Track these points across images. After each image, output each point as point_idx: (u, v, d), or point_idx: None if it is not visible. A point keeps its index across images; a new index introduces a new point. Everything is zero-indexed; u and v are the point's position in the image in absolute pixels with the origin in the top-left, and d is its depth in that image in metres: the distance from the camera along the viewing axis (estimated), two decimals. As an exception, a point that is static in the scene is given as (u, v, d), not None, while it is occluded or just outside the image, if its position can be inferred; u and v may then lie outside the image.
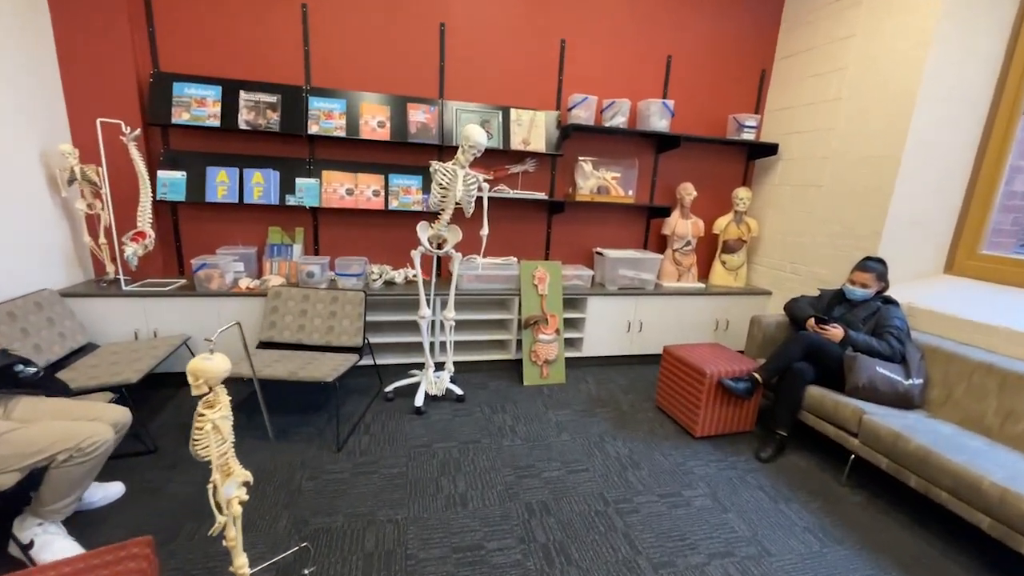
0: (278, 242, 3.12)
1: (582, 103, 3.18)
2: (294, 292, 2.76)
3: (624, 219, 3.71)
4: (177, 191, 2.79)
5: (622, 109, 3.24)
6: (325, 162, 3.05)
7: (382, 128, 2.98)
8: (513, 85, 3.26)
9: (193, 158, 2.86)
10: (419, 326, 2.70)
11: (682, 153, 3.66)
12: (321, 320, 2.74)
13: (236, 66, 2.85)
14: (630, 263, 3.41)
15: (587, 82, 3.36)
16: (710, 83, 3.60)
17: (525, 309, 3.15)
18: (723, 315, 3.63)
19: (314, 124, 2.88)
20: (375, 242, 3.29)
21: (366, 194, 3.04)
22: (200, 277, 2.73)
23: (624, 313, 3.41)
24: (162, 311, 2.69)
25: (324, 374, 2.26)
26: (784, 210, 3.59)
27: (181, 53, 2.79)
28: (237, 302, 2.78)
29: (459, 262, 2.70)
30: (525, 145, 3.20)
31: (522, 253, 3.55)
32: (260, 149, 2.99)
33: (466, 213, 2.56)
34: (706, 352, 2.73)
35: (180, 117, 2.70)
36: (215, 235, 3.06)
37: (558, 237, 3.61)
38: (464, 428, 2.54)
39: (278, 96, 2.85)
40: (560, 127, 3.29)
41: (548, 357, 3.15)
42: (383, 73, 3.05)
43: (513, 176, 3.38)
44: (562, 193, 3.52)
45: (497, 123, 3.17)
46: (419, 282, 2.64)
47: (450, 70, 3.14)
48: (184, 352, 2.72)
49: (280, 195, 2.94)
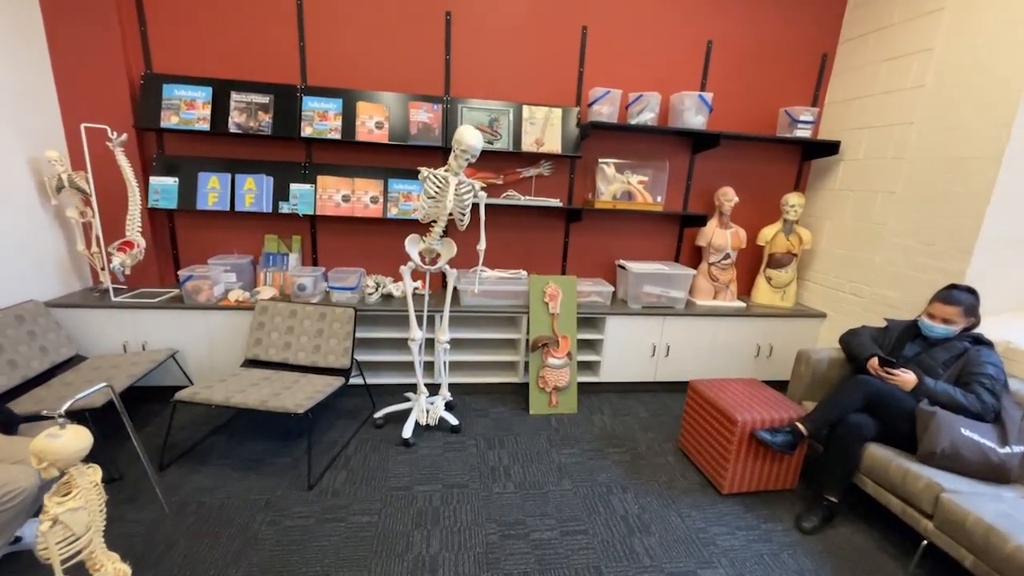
0: (274, 251, 2.96)
1: (604, 98, 2.80)
2: (281, 307, 2.58)
3: (653, 228, 3.30)
4: (169, 198, 2.68)
5: (651, 104, 2.84)
6: (321, 166, 2.85)
7: (380, 129, 2.74)
8: (527, 79, 2.92)
9: (185, 163, 2.73)
10: (411, 350, 2.45)
11: (721, 153, 3.19)
12: (308, 338, 2.54)
13: (229, 65, 2.69)
14: (657, 279, 3.01)
15: (611, 74, 2.97)
16: (757, 72, 3.11)
17: (533, 329, 2.83)
18: (766, 339, 3.15)
19: (307, 126, 2.67)
20: (374, 252, 3.06)
21: (363, 201, 2.82)
22: (188, 289, 2.60)
23: (648, 335, 3.02)
24: (151, 323, 2.59)
25: (297, 404, 2.05)
26: (845, 220, 3.05)
27: (174, 53, 2.66)
28: (225, 316, 2.63)
29: (454, 279, 2.42)
30: (539, 146, 2.87)
31: (536, 266, 3.23)
32: (255, 153, 2.83)
33: (459, 225, 2.27)
34: (740, 392, 2.31)
35: (169, 121, 2.57)
36: (211, 243, 2.94)
37: (576, 248, 3.25)
38: (453, 467, 2.27)
39: (271, 97, 2.66)
40: (579, 125, 2.93)
41: (558, 383, 2.82)
42: (384, 69, 2.81)
43: (525, 181, 3.06)
44: (580, 199, 3.16)
45: (507, 122, 2.86)
46: (409, 301, 2.38)
47: (456, 64, 2.85)
48: (175, 364, 2.62)
49: (273, 202, 2.77)
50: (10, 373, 2.12)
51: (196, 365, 2.69)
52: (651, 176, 3.05)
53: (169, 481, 2.06)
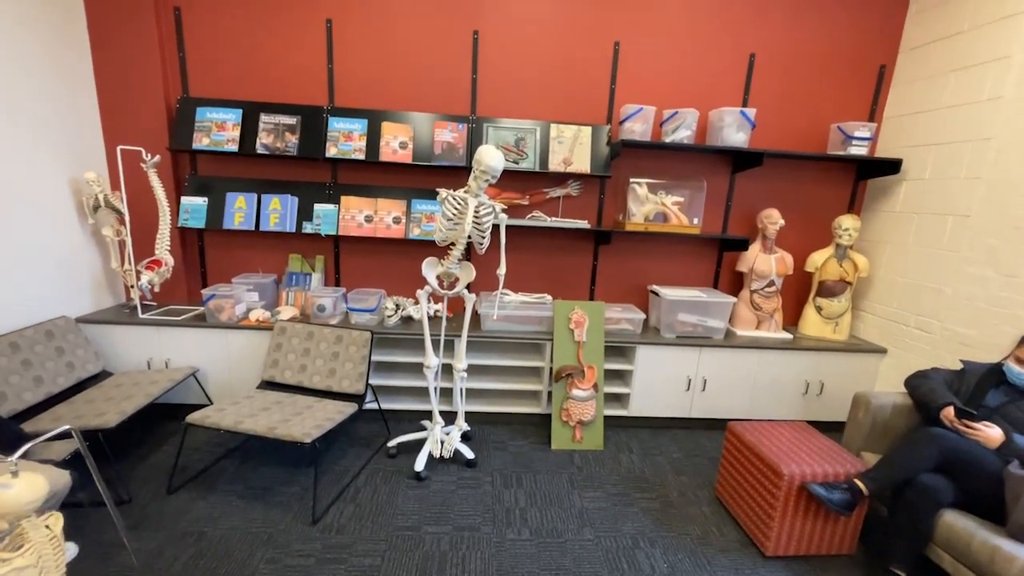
0: (297, 270, 2.95)
1: (637, 115, 2.65)
2: (298, 328, 2.54)
3: (688, 252, 3.09)
4: (198, 218, 2.71)
5: (687, 121, 2.67)
6: (345, 187, 2.83)
7: (404, 149, 2.69)
8: (555, 97, 2.82)
9: (215, 184, 2.77)
10: (426, 377, 2.34)
11: (765, 173, 2.97)
12: (323, 361, 2.48)
13: (259, 88, 2.74)
14: (694, 307, 2.79)
15: (645, 91, 2.83)
16: (805, 86, 2.88)
17: (557, 358, 2.66)
18: (815, 375, 2.85)
19: (332, 146, 2.66)
20: (395, 272, 3.00)
21: (386, 221, 2.77)
22: (210, 308, 2.60)
23: (684, 367, 2.79)
24: (175, 340, 2.60)
25: (304, 433, 1.97)
26: (907, 246, 2.75)
27: (209, 77, 2.72)
28: (245, 336, 2.62)
29: (473, 304, 2.30)
30: (566, 165, 2.75)
31: (562, 290, 3.08)
32: (281, 173, 2.85)
33: (478, 249, 2.16)
34: (787, 438, 2.06)
35: (200, 142, 2.62)
36: (238, 262, 2.96)
37: (605, 272, 3.08)
38: (465, 506, 2.12)
39: (297, 118, 2.68)
40: (610, 144, 2.79)
41: (583, 417, 2.63)
42: (410, 89, 2.78)
43: (552, 201, 2.93)
44: (610, 221, 3.00)
45: (534, 141, 2.75)
46: (424, 327, 2.28)
47: (483, 83, 2.78)
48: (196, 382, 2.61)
49: (297, 222, 2.76)
50: (35, 389, 2.15)
51: (216, 384, 2.68)
52: (687, 197, 2.86)
53: (176, 506, 2.01)
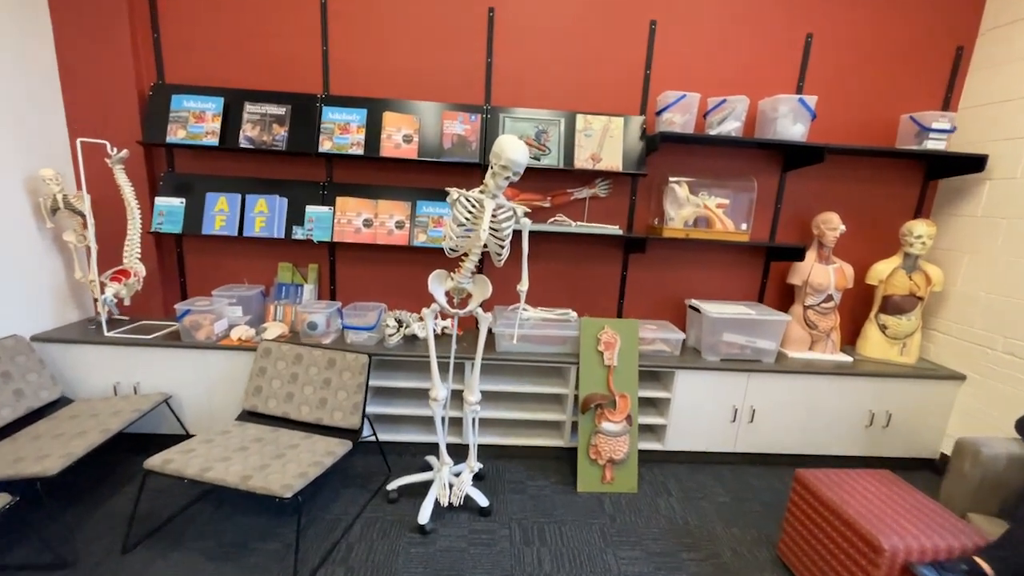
0: (288, 281, 2.61)
1: (677, 103, 2.29)
2: (285, 350, 2.19)
3: (731, 262, 2.71)
4: (174, 221, 2.38)
5: (736, 111, 2.30)
6: (341, 186, 2.48)
7: (409, 143, 2.35)
8: (582, 83, 2.46)
9: (195, 183, 2.44)
10: (431, 410, 1.98)
11: (819, 172, 2.59)
12: (313, 389, 2.13)
13: (244, 73, 2.40)
14: (741, 326, 2.41)
15: (685, 77, 2.47)
16: (869, 71, 2.51)
17: (584, 385, 2.30)
18: (880, 405, 2.46)
19: (327, 140, 2.32)
20: (398, 284, 2.65)
21: (387, 226, 2.42)
22: (185, 325, 2.26)
23: (729, 395, 2.42)
24: (145, 362, 2.27)
25: (284, 484, 1.61)
26: (994, 256, 2.36)
27: (187, 61, 2.39)
28: (226, 357, 2.27)
29: (487, 326, 1.94)
30: (595, 162, 2.39)
31: (587, 305, 2.71)
32: (269, 171, 2.51)
33: (496, 261, 1.81)
34: (873, 494, 1.68)
35: (175, 135, 2.29)
36: (222, 271, 2.62)
37: (636, 284, 2.71)
38: (478, 569, 1.75)
39: (287, 108, 2.34)
40: (645, 137, 2.43)
41: (614, 455, 2.26)
42: (415, 75, 2.43)
43: (577, 203, 2.57)
44: (643, 226, 2.63)
45: (557, 134, 2.40)
46: (431, 352, 1.92)
47: (499, 68, 2.43)
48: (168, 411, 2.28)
49: (286, 227, 2.42)
50: (-29, 424, 1.82)
51: (193, 412, 2.34)
52: (732, 198, 2.49)
53: (131, 569, 1.67)
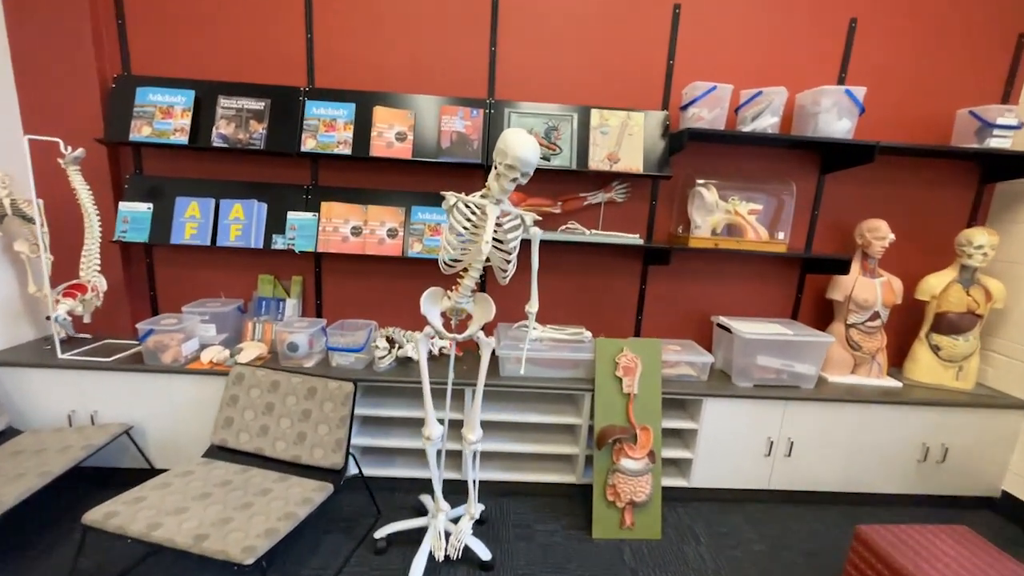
0: (269, 295, 2.35)
1: (705, 96, 2.02)
2: (260, 376, 1.93)
3: (763, 274, 2.43)
4: (140, 230, 2.13)
5: (773, 104, 2.03)
6: (327, 190, 2.22)
7: (402, 142, 2.09)
8: (597, 75, 2.20)
9: (163, 186, 2.19)
10: (426, 451, 1.70)
11: (862, 174, 2.32)
12: (291, 422, 1.86)
13: (219, 64, 2.15)
14: (776, 347, 2.13)
15: (712, 67, 2.20)
16: (920, 60, 2.23)
17: (600, 416, 2.02)
18: (935, 437, 2.17)
19: (310, 138, 2.07)
20: (391, 298, 2.39)
21: (378, 234, 2.16)
22: (149, 347, 2.00)
23: (763, 425, 2.13)
24: (105, 388, 2.01)
25: (246, 546, 1.34)
26: (1068, 269, 2.07)
27: (156, 51, 2.15)
28: (195, 383, 2.01)
29: (489, 351, 1.67)
30: (612, 163, 2.12)
31: (600, 323, 2.43)
32: (247, 173, 2.25)
33: (500, 277, 1.54)
34: (953, 557, 1.39)
35: (139, 132, 2.03)
36: (197, 283, 2.37)
37: (657, 299, 2.43)
38: (480, 646, 1.47)
39: (266, 102, 2.08)
40: (668, 135, 2.16)
41: (635, 497, 1.98)
42: (410, 66, 2.18)
43: (591, 209, 2.30)
44: (665, 234, 2.36)
45: (570, 131, 2.13)
46: (424, 384, 1.65)
47: (504, 57, 2.17)
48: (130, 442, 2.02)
49: (265, 235, 2.16)
50: None
51: (159, 443, 2.08)
52: (765, 204, 2.21)
53: (65, 646, 1.40)
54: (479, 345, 1.65)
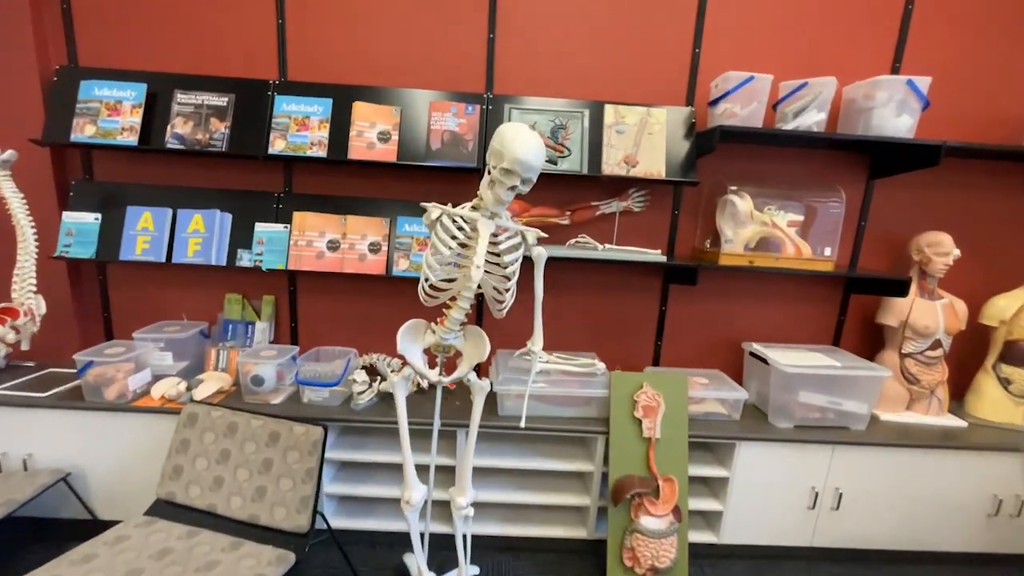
0: (237, 318, 2.06)
1: (740, 89, 1.72)
2: (216, 418, 1.63)
3: (800, 294, 2.12)
4: (86, 244, 1.85)
5: (821, 97, 1.73)
6: (303, 198, 1.94)
7: (385, 142, 1.80)
8: (611, 66, 1.91)
9: (115, 193, 1.91)
10: (406, 518, 1.40)
11: (918, 180, 2.01)
12: (249, 474, 1.57)
13: (176, 53, 1.88)
14: (822, 382, 1.82)
15: (743, 57, 1.91)
16: (984, 47, 1.93)
17: (616, 464, 1.72)
18: (1008, 488, 1.85)
19: (279, 138, 1.79)
20: (376, 322, 2.10)
21: (359, 249, 1.87)
22: (89, 381, 1.72)
23: (806, 473, 1.82)
24: (40, 427, 1.73)
25: (169, 654, 1.04)
26: None
27: (107, 39, 1.88)
28: (143, 423, 1.73)
29: (483, 396, 1.37)
30: (629, 166, 1.82)
31: (614, 349, 2.13)
32: (209, 178, 1.98)
33: (496, 311, 1.25)
34: None
35: (81, 132, 1.76)
36: (157, 304, 2.09)
37: (678, 323, 2.13)
38: None
39: (229, 97, 1.81)
40: (695, 134, 1.87)
41: (657, 562, 1.66)
42: (395, 55, 1.90)
43: (604, 220, 2.01)
44: (688, 249, 2.06)
45: (580, 130, 1.84)
46: (402, 438, 1.35)
47: (504, 45, 1.89)
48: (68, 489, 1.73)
49: (230, 250, 1.88)
50: None
51: (102, 491, 1.80)
52: (807, 214, 1.91)
53: None
54: (471, 388, 1.35)
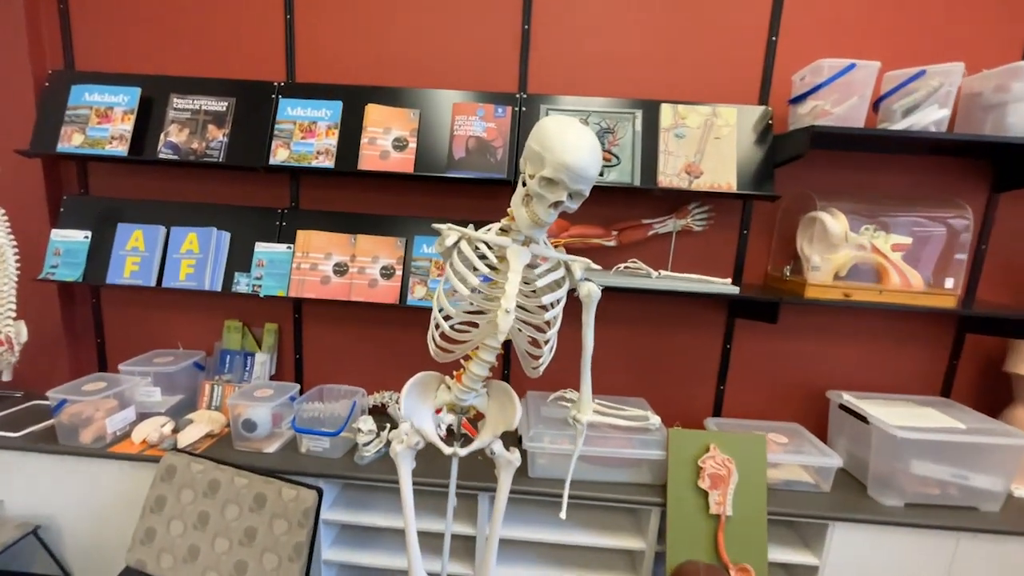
0: (236, 347, 1.84)
1: (835, 81, 1.38)
2: (196, 472, 1.39)
3: (900, 332, 1.73)
4: (73, 265, 1.67)
5: (942, 90, 1.37)
6: (308, 215, 1.71)
7: (401, 151, 1.55)
8: (667, 59, 1.61)
9: (108, 208, 1.73)
10: (409, 616, 1.11)
11: (1066, 190, 1.60)
12: (229, 545, 1.31)
13: (174, 55, 1.70)
14: (943, 450, 1.43)
15: (831, 42, 1.57)
16: None
17: (675, 545, 1.37)
18: None
19: (282, 147, 1.56)
20: (389, 355, 1.83)
21: (369, 273, 1.61)
22: (63, 422, 1.51)
23: (921, 566, 1.42)
24: (12, 471, 1.54)
25: None
26: None
27: (107, 42, 1.72)
28: (121, 470, 1.51)
29: (512, 471, 1.06)
30: (692, 177, 1.51)
31: (665, 395, 1.79)
32: (212, 192, 1.77)
33: (529, 369, 0.95)
34: None
35: (69, 142, 1.59)
36: (156, 329, 1.89)
37: (745, 364, 1.76)
38: None
39: (230, 101, 1.60)
40: (771, 138, 1.54)
41: None
42: (415, 51, 1.65)
43: (657, 241, 1.68)
44: (758, 275, 1.71)
45: (631, 134, 1.54)
46: (408, 526, 1.06)
47: (540, 39, 1.62)
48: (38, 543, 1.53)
49: (225, 275, 1.66)
50: None
51: (77, 545, 1.58)
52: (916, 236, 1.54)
53: None
54: (495, 462, 1.05)
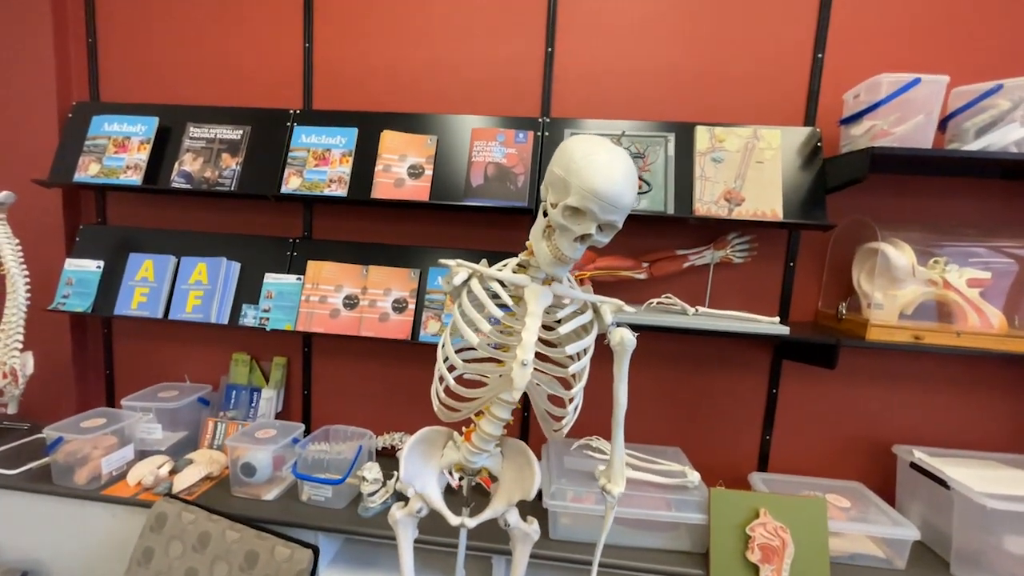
0: (243, 382, 1.75)
1: (895, 98, 1.24)
2: (187, 522, 1.28)
3: (976, 379, 1.51)
4: (84, 296, 1.63)
5: (1019, 109, 1.21)
6: (319, 245, 1.64)
7: (417, 178, 1.47)
8: (702, 78, 1.50)
9: (121, 238, 1.70)
10: None
11: None
12: (215, 609, 1.18)
13: (198, 84, 1.69)
14: (1043, 524, 1.20)
15: (883, 58, 1.43)
16: None
17: (722, 632, 1.17)
18: None
19: (294, 175, 1.51)
20: (401, 394, 1.71)
21: (380, 306, 1.52)
22: (58, 461, 1.44)
23: (1023, 667, 1.17)
24: (5, 510, 1.47)
25: None
26: None
27: (131, 74, 1.73)
28: (113, 514, 1.42)
29: (527, 545, 0.91)
30: (732, 204, 1.37)
31: (703, 446, 1.60)
32: (225, 221, 1.73)
33: (549, 431, 0.82)
34: None
35: (86, 171, 1.57)
36: (166, 361, 1.84)
37: (795, 412, 1.57)
38: None
39: (245, 130, 1.57)
40: (821, 162, 1.39)
41: None
42: (433, 75, 1.60)
43: (693, 274, 1.54)
44: (807, 314, 1.53)
45: (663, 158, 1.42)
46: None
47: (564, 59, 1.54)
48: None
49: (233, 306, 1.59)
50: None
51: (67, 594, 1.48)
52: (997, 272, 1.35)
53: None
54: (509, 534, 0.90)
